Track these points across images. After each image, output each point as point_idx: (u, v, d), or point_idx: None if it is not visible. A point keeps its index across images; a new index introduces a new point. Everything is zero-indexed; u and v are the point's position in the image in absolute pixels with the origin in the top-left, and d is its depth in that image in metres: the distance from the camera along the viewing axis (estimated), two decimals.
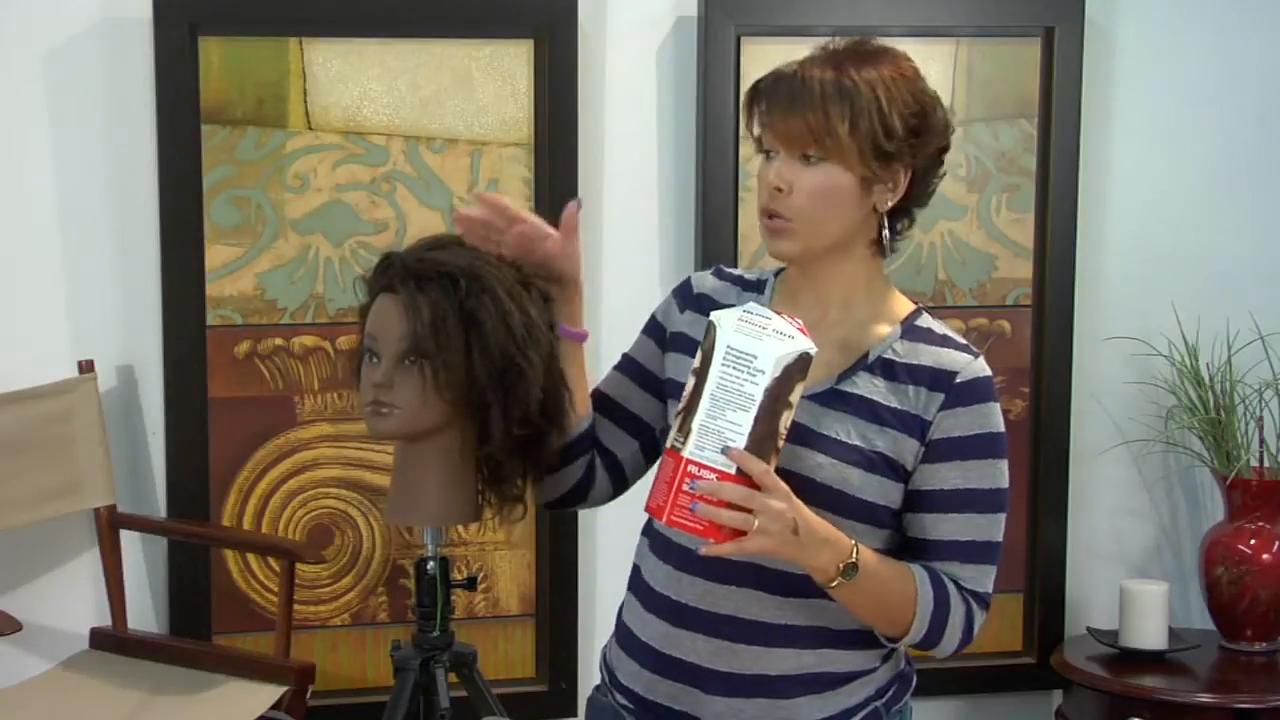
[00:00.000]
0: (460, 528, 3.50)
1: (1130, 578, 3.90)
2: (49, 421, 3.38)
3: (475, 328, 2.25)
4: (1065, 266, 3.82)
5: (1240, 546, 3.75)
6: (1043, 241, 3.82)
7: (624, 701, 2.23)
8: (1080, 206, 3.82)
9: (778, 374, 1.95)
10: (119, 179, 3.46)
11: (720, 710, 2.14)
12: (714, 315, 1.99)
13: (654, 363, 2.28)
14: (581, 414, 2.28)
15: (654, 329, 2.30)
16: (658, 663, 2.18)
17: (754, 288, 2.25)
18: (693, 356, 2.04)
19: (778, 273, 2.25)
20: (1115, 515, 4.00)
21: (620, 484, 2.32)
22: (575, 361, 2.27)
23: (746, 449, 1.94)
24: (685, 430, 1.96)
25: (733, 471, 1.95)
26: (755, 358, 1.96)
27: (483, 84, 3.58)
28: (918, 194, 2.14)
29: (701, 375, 1.97)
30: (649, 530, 2.26)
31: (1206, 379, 3.80)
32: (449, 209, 3.59)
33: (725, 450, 1.94)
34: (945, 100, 2.18)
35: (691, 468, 1.95)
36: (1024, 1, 3.76)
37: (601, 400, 2.31)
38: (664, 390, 2.26)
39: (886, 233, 2.13)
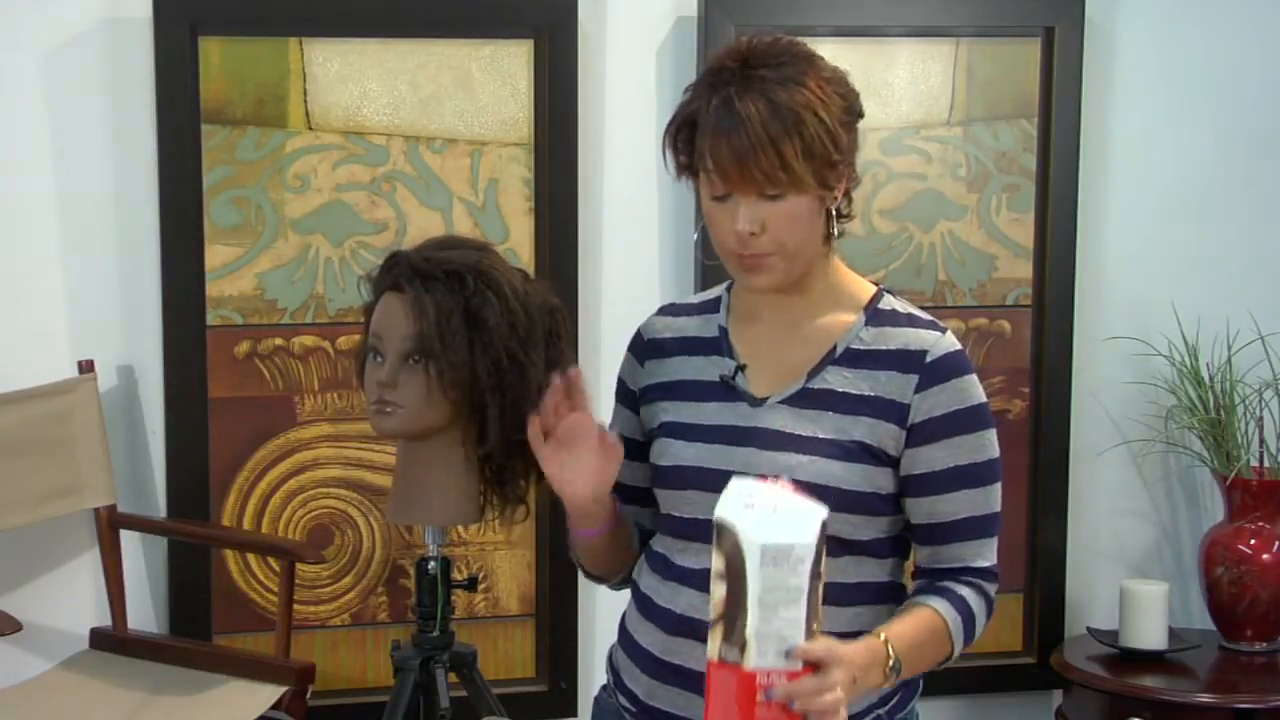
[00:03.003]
0: (460, 528, 3.50)
1: (1130, 578, 3.90)
2: (49, 421, 3.38)
3: (479, 326, 2.25)
4: (1065, 266, 3.82)
5: (1240, 546, 3.75)
6: (1043, 241, 3.82)
7: (626, 704, 2.24)
8: (1080, 206, 3.82)
9: (814, 554, 1.86)
10: (119, 179, 3.46)
11: None
12: (718, 515, 1.86)
13: (634, 429, 2.26)
14: (627, 562, 2.29)
15: (625, 395, 2.29)
16: (657, 669, 2.19)
17: (710, 308, 2.25)
18: (673, 399, 2.05)
19: (730, 285, 2.25)
20: (1115, 515, 4.00)
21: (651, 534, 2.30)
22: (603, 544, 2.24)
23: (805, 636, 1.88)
24: (737, 641, 1.85)
25: (799, 666, 1.87)
26: (792, 548, 1.84)
27: (483, 84, 3.58)
28: (855, 177, 2.14)
29: (736, 581, 1.85)
30: (646, 547, 2.26)
31: (1206, 379, 3.80)
32: (449, 209, 3.59)
33: (789, 652, 1.86)
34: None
35: (760, 678, 1.86)
36: (1024, 1, 3.76)
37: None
38: (651, 448, 2.23)
39: (836, 227, 2.13)
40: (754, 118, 2.02)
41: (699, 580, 2.12)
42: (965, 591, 2.14)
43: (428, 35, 3.55)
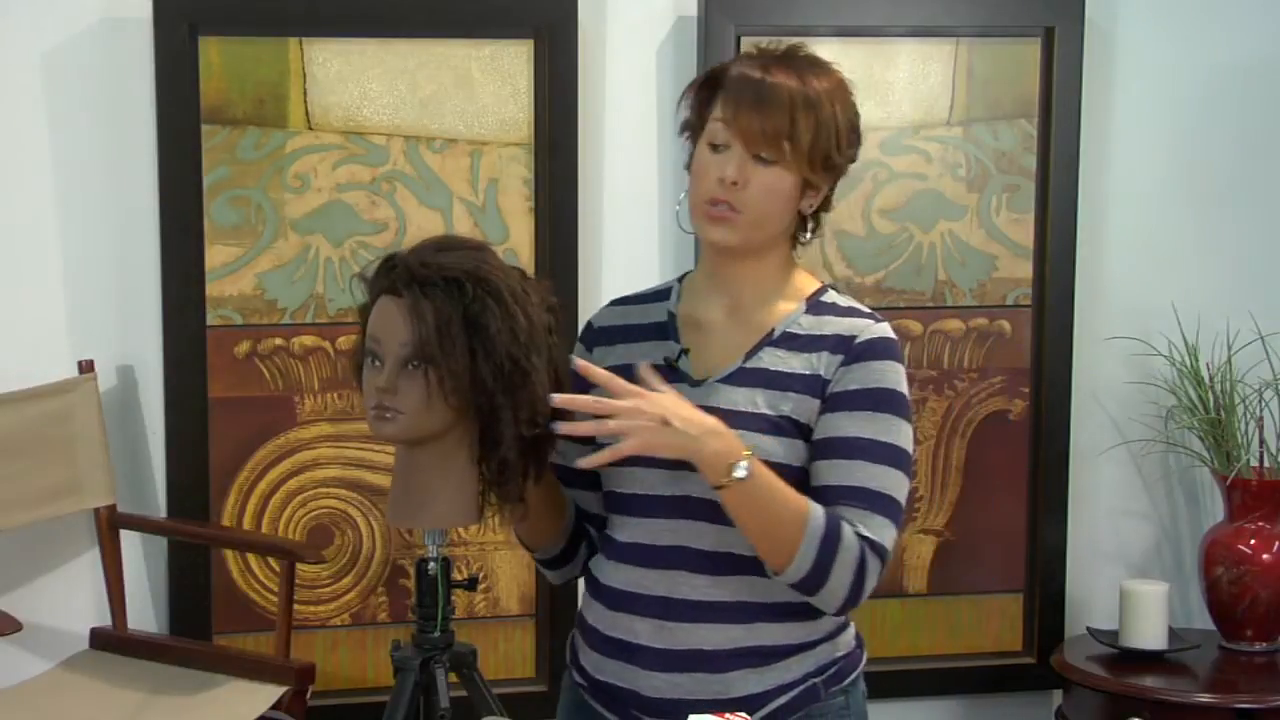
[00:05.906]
0: (461, 528, 3.49)
1: (1130, 578, 3.90)
2: (49, 421, 3.38)
3: (479, 332, 2.25)
4: (1065, 266, 3.82)
5: (1240, 546, 3.75)
6: (1043, 241, 3.82)
7: (580, 680, 2.34)
8: (1080, 206, 3.82)
9: None
10: (119, 179, 3.46)
11: (658, 685, 2.22)
12: None
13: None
14: (563, 524, 2.35)
15: (577, 386, 2.31)
16: (602, 644, 2.28)
17: (661, 296, 2.36)
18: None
19: (681, 278, 2.36)
20: (1115, 515, 3.99)
21: (599, 520, 2.36)
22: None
23: None
24: None
25: None
26: None
27: (483, 84, 3.59)
28: (829, 200, 2.27)
29: None
30: (600, 534, 2.34)
31: (1206, 379, 3.80)
32: (449, 209, 3.59)
33: None
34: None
35: None
36: (1024, 1, 3.76)
37: (558, 471, 2.34)
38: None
39: (807, 235, 2.26)
40: (784, 85, 2.17)
41: (636, 554, 2.23)
42: (846, 529, 2.13)
43: (428, 35, 3.55)
